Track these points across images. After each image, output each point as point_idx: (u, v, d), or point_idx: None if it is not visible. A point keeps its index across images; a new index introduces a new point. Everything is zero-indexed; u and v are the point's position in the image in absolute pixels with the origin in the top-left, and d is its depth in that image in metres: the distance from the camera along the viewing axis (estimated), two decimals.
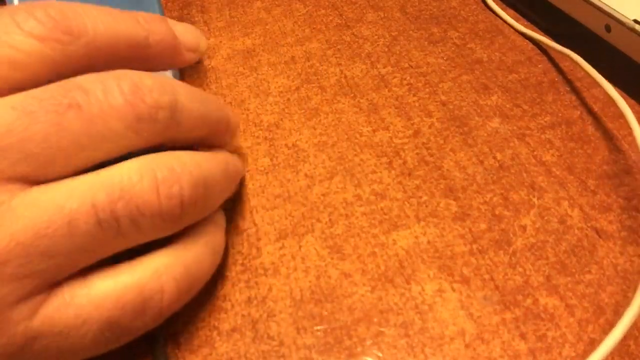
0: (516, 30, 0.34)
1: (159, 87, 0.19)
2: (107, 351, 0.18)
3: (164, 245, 0.19)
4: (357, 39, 0.36)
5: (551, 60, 0.32)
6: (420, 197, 0.25)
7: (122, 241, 0.18)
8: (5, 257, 0.15)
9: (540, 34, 0.34)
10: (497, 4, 0.37)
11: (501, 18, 0.36)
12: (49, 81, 0.18)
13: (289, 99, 0.31)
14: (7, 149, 0.16)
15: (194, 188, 0.19)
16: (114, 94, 0.17)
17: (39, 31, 0.17)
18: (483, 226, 0.24)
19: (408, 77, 0.32)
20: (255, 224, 0.24)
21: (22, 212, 0.16)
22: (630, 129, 0.27)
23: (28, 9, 0.18)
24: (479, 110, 0.29)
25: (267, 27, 0.36)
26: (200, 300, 0.22)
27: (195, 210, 0.19)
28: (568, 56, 0.30)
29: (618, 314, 0.20)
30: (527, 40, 0.34)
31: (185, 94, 0.20)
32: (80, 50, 0.18)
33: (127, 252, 0.18)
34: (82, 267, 0.17)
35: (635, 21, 0.28)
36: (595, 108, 0.29)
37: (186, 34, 0.22)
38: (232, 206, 0.25)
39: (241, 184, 0.26)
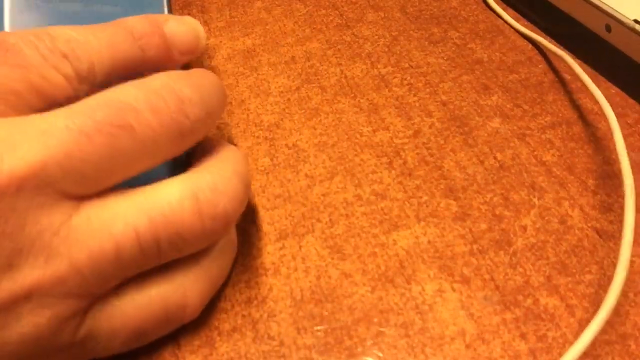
0: (516, 30, 0.34)
1: (197, 98, 0.19)
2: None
3: (192, 256, 0.20)
4: (357, 39, 0.36)
5: (552, 60, 0.32)
6: (421, 197, 0.25)
7: (161, 260, 0.18)
8: (65, 277, 0.16)
9: (538, 34, 0.34)
10: (498, 4, 0.37)
11: (502, 18, 0.36)
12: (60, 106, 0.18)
13: (289, 99, 0.31)
14: (66, 170, 0.16)
15: (238, 202, 0.19)
16: (161, 112, 0.18)
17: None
18: (483, 226, 0.23)
19: (408, 77, 0.32)
20: (255, 224, 0.24)
21: (78, 235, 0.16)
22: (632, 129, 0.27)
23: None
24: (479, 110, 0.29)
25: (267, 27, 0.36)
26: None
27: (237, 214, 0.20)
28: (561, 58, 0.30)
29: (618, 314, 0.20)
30: (527, 41, 0.34)
31: (212, 96, 0.20)
32: (87, 90, 0.19)
33: None
34: (120, 283, 0.18)
35: (636, 21, 0.28)
36: (596, 108, 0.29)
37: (182, 35, 0.22)
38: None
39: None
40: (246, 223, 0.24)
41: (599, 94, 0.27)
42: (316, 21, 0.38)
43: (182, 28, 0.22)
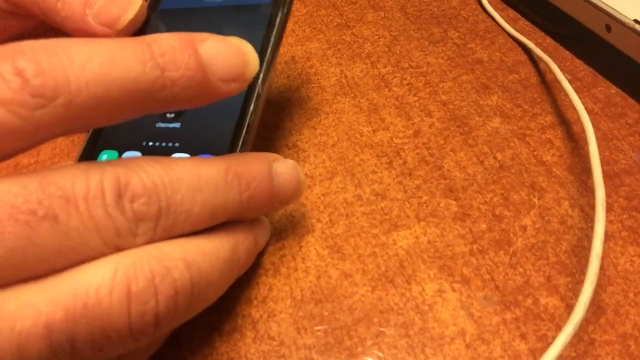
0: (507, 33, 0.34)
1: (149, 186, 0.16)
2: None
3: None
4: (357, 39, 0.36)
5: (545, 62, 0.32)
6: (421, 197, 0.25)
7: None
8: None
9: (529, 38, 0.34)
10: (494, 5, 0.37)
11: (495, 20, 0.36)
12: (20, 150, 0.15)
13: (289, 99, 0.31)
14: None
15: (173, 301, 0.16)
16: (95, 201, 0.15)
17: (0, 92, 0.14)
18: (483, 226, 0.23)
19: (408, 77, 0.32)
20: None
21: None
22: (632, 129, 0.27)
23: None
24: (479, 110, 0.29)
25: None
26: None
27: (174, 320, 0.17)
28: (546, 63, 0.30)
29: (618, 314, 0.20)
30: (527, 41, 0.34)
31: (188, 183, 0.17)
32: (56, 113, 0.15)
33: None
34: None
35: (636, 21, 0.28)
36: (596, 108, 0.29)
37: (226, 56, 0.18)
38: None
39: None
40: None
41: (576, 100, 0.26)
42: (316, 21, 0.38)
43: (223, 48, 0.18)
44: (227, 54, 0.18)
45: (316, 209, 0.25)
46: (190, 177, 0.17)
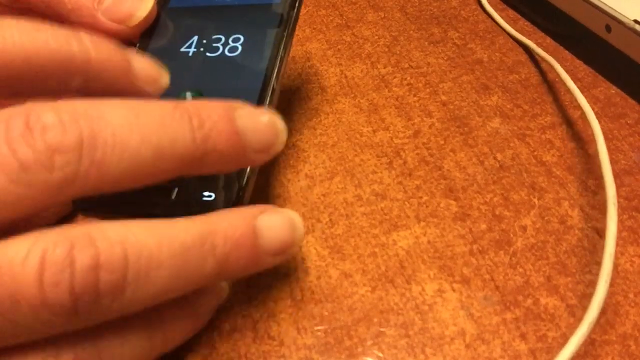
0: (507, 34, 0.34)
1: (66, 118, 0.15)
2: None
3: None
4: (357, 39, 0.36)
5: (546, 62, 0.32)
6: (421, 197, 0.25)
7: None
8: None
9: (530, 38, 0.34)
10: (494, 5, 0.37)
11: (495, 21, 0.36)
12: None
13: (289, 99, 0.31)
14: None
15: (93, 273, 0.15)
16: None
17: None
18: (483, 226, 0.23)
19: (408, 77, 0.32)
20: None
21: None
22: (632, 129, 0.27)
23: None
24: (479, 111, 0.29)
25: None
26: None
27: (112, 302, 0.16)
28: (549, 63, 0.30)
29: (618, 314, 0.20)
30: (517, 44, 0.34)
31: (121, 118, 0.16)
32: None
33: None
34: None
35: (635, 21, 0.28)
36: (596, 108, 0.29)
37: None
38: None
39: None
40: None
41: (581, 98, 0.27)
42: (316, 21, 0.38)
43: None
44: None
45: (316, 209, 0.25)
46: (126, 109, 0.16)
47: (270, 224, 0.18)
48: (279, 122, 0.19)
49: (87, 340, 0.16)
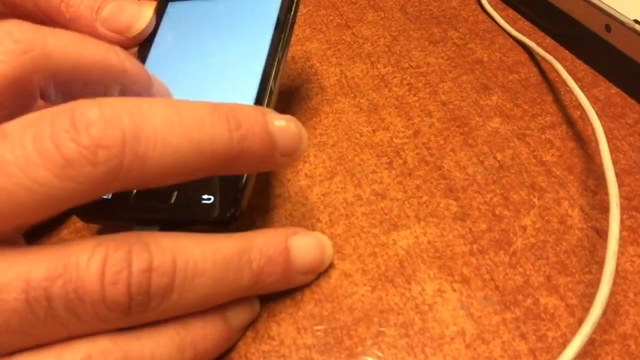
0: (508, 34, 0.34)
1: (108, 118, 0.16)
2: None
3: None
4: (357, 39, 0.36)
5: (540, 61, 0.32)
6: (421, 197, 0.25)
7: (59, 328, 0.16)
8: None
9: (530, 38, 0.34)
10: (494, 5, 0.37)
11: (495, 21, 0.36)
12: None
13: (289, 99, 0.31)
14: None
15: (147, 275, 0.17)
16: (43, 139, 0.15)
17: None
18: (483, 226, 0.23)
19: (408, 77, 0.32)
20: (255, 224, 0.24)
21: None
22: (632, 129, 0.27)
23: None
24: (479, 110, 0.29)
25: None
26: None
27: (160, 303, 0.17)
28: (550, 62, 0.30)
29: (618, 314, 0.20)
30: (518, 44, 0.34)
31: (163, 116, 0.17)
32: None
33: None
34: (11, 350, 0.16)
35: (635, 21, 0.28)
36: (596, 108, 0.29)
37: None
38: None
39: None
40: (246, 223, 0.24)
41: (582, 98, 0.27)
42: (316, 21, 0.38)
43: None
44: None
45: (316, 209, 0.25)
46: (167, 108, 0.17)
47: (302, 244, 0.21)
48: (303, 130, 0.20)
49: (123, 338, 0.17)
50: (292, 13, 0.26)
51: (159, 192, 0.22)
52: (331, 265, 0.23)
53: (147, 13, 0.24)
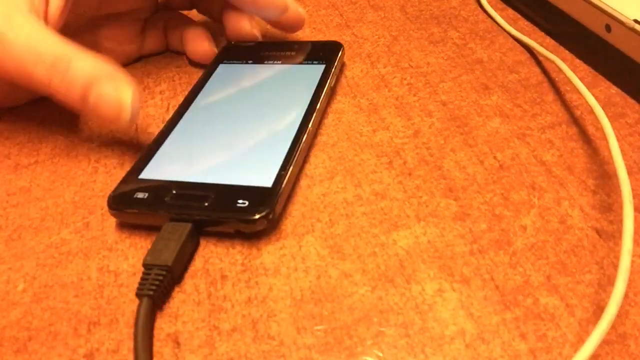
0: (509, 34, 0.34)
1: None
2: None
3: None
4: (357, 39, 0.36)
5: (542, 60, 0.32)
6: (421, 197, 0.25)
7: None
8: None
9: (531, 38, 0.34)
10: (494, 6, 0.37)
11: (495, 21, 0.36)
12: None
13: None
14: None
15: None
16: None
17: None
18: (483, 226, 0.23)
19: (408, 77, 0.32)
20: None
21: None
22: (632, 128, 0.27)
23: None
24: (479, 110, 0.29)
25: (267, 26, 0.36)
26: (200, 300, 0.22)
27: None
28: (553, 62, 0.30)
29: (618, 314, 0.20)
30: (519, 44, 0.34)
31: None
32: None
33: None
34: None
35: (636, 21, 0.28)
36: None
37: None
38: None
39: None
40: None
41: (588, 95, 0.27)
42: (316, 21, 0.38)
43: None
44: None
45: (316, 208, 0.25)
46: None
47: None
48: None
49: None
50: (330, 83, 0.30)
51: (196, 194, 0.24)
52: (331, 265, 0.23)
53: (126, 106, 0.25)
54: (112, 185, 0.27)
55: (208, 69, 0.32)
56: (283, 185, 0.24)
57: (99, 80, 0.25)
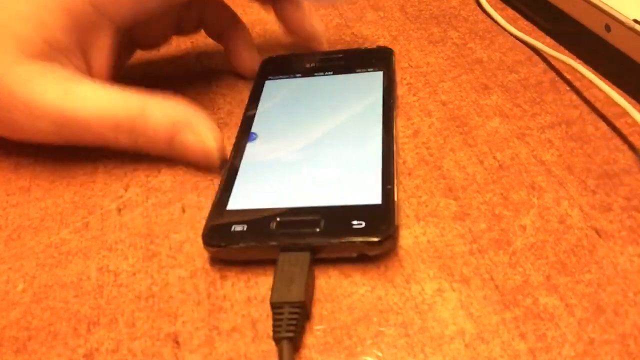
0: (510, 34, 0.34)
1: None
2: None
3: None
4: (357, 39, 0.36)
5: (551, 60, 0.32)
6: (420, 196, 0.25)
7: None
8: None
9: (535, 38, 0.34)
10: (494, 6, 0.37)
11: (495, 21, 0.36)
12: None
13: None
14: None
15: None
16: None
17: None
18: (483, 226, 0.23)
19: (408, 77, 0.32)
20: None
21: None
22: (632, 128, 0.27)
23: None
24: (479, 110, 0.29)
25: (267, 27, 0.36)
26: (200, 300, 0.22)
27: None
28: (562, 61, 0.30)
29: (618, 314, 0.20)
30: (523, 44, 0.34)
31: None
32: None
33: None
34: None
35: (635, 21, 0.28)
36: (598, 106, 0.29)
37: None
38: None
39: None
40: None
41: (607, 89, 0.27)
42: None
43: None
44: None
45: None
46: None
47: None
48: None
49: None
50: (394, 78, 0.30)
51: (305, 219, 0.22)
52: (331, 265, 0.22)
53: (210, 144, 0.26)
54: (112, 185, 0.27)
55: (255, 88, 0.31)
56: (396, 201, 0.23)
57: (178, 130, 0.26)
